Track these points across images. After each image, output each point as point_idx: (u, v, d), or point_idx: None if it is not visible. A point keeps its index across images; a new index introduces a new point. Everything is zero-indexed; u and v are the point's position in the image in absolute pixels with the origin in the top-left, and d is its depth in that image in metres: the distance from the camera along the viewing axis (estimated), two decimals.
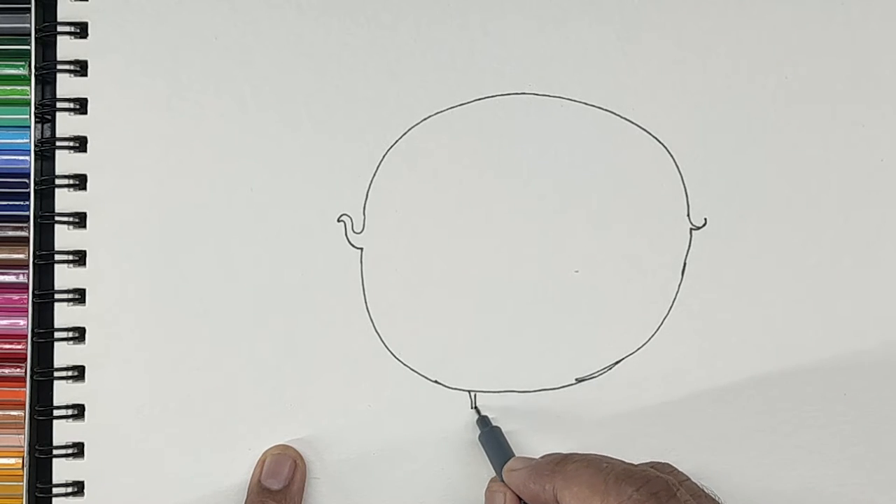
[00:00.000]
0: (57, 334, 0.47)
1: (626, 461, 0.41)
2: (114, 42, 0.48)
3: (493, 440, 0.46)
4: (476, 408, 0.47)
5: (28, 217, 0.48)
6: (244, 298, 0.47)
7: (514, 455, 0.45)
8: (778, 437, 0.47)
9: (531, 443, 0.47)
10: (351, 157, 0.48)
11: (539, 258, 0.47)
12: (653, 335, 0.47)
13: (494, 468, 0.45)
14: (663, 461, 0.44)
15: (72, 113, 0.48)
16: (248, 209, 0.48)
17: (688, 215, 0.48)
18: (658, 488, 0.38)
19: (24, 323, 0.48)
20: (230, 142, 0.48)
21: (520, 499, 0.43)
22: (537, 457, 0.44)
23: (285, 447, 0.47)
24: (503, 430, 0.46)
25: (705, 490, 0.41)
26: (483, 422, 0.46)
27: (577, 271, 0.47)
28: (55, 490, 0.47)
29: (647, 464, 0.43)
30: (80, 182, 0.48)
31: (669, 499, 0.38)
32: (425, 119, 0.48)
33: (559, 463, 0.41)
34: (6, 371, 0.49)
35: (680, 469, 0.43)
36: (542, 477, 0.41)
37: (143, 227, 0.47)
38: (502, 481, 0.44)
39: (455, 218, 0.48)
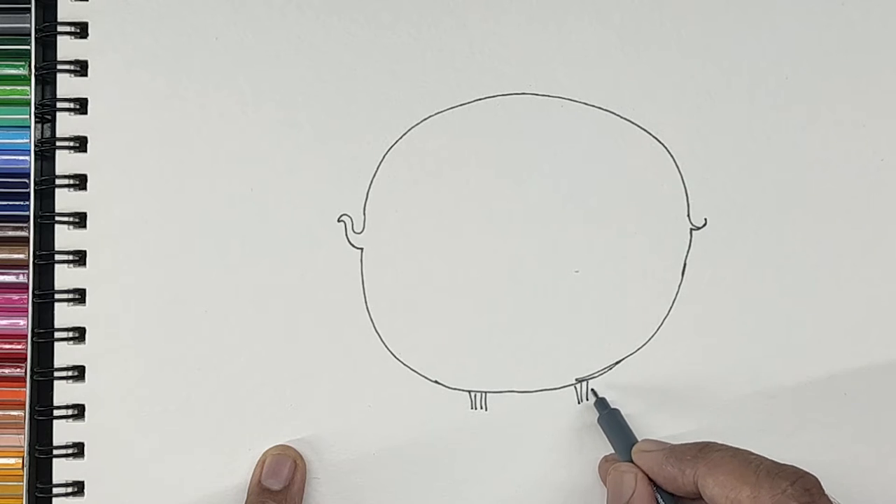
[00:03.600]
0: (57, 334, 0.47)
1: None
2: (114, 42, 0.48)
3: (614, 422, 0.45)
4: (592, 390, 0.47)
5: (28, 217, 0.48)
6: (244, 298, 0.47)
7: (636, 438, 0.45)
8: (778, 437, 0.47)
9: (531, 443, 0.47)
10: (351, 157, 0.48)
11: (539, 258, 0.47)
12: (653, 335, 0.47)
13: (617, 449, 0.45)
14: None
15: (72, 113, 0.48)
16: (248, 209, 0.48)
17: (688, 215, 0.48)
18: (811, 485, 0.38)
19: (24, 323, 0.48)
20: (230, 142, 0.48)
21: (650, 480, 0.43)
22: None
23: (285, 447, 0.47)
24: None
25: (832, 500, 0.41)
26: (601, 404, 0.46)
27: (577, 271, 0.47)
28: (55, 490, 0.47)
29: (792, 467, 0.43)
30: (80, 182, 0.48)
31: (821, 497, 0.38)
32: (425, 119, 0.48)
33: (702, 449, 0.41)
34: (6, 371, 0.49)
35: None
36: (681, 461, 0.41)
37: (143, 227, 0.47)
38: (624, 462, 0.44)
39: (455, 218, 0.48)
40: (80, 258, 0.47)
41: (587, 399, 0.47)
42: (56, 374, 0.47)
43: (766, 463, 0.39)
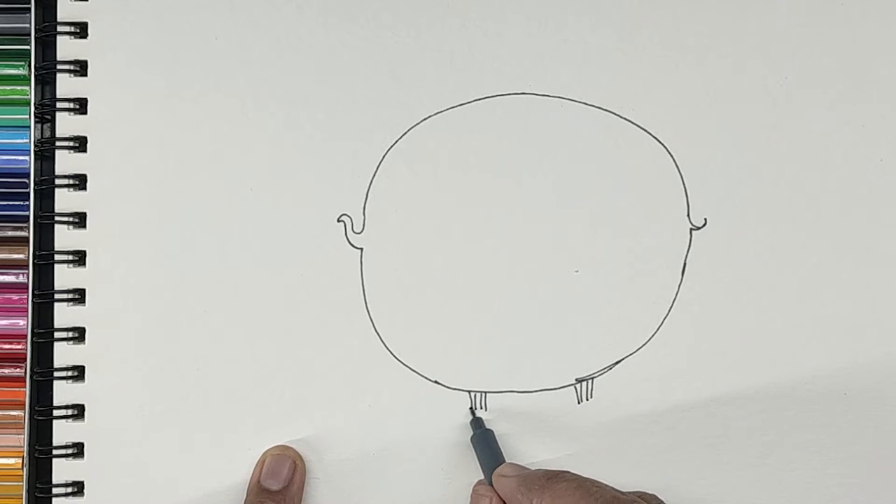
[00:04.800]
0: (57, 334, 0.47)
1: (617, 489, 0.41)
2: (114, 42, 0.48)
3: (485, 443, 0.46)
4: (471, 409, 0.47)
5: (28, 217, 0.48)
6: (244, 298, 0.47)
7: (504, 460, 0.45)
8: (778, 437, 0.47)
9: (530, 443, 0.47)
10: (351, 157, 0.48)
11: (539, 258, 0.47)
12: (653, 335, 0.47)
13: (483, 471, 0.45)
14: (651, 492, 0.44)
15: (72, 113, 0.48)
16: (248, 209, 0.48)
17: (688, 215, 0.48)
18: None
19: (24, 323, 0.48)
20: (230, 142, 0.48)
21: None
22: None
23: (285, 447, 0.47)
24: (502, 430, 0.46)
25: None
26: (476, 423, 0.46)
27: (577, 271, 0.47)
28: (55, 490, 0.47)
29: (635, 493, 0.43)
30: (80, 182, 0.48)
31: None
32: (425, 119, 0.48)
33: (550, 479, 0.41)
34: (6, 371, 0.49)
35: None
36: (530, 490, 0.41)
37: (143, 227, 0.47)
38: (490, 485, 0.44)
39: (455, 218, 0.48)
40: (79, 258, 0.47)
41: (587, 399, 0.47)
42: (56, 374, 0.47)
43: (605, 496, 0.40)
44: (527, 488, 0.42)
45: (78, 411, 0.47)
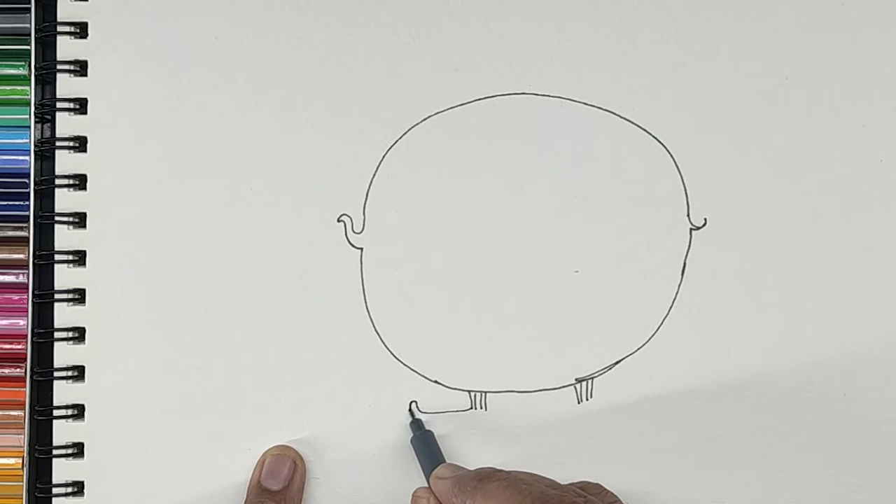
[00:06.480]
0: (57, 334, 0.47)
1: (553, 480, 0.41)
2: (114, 42, 0.48)
3: (424, 445, 0.46)
4: (411, 410, 0.47)
5: (28, 217, 0.48)
6: (244, 298, 0.47)
7: (444, 461, 0.45)
8: (778, 437, 0.47)
9: (530, 443, 0.47)
10: (351, 157, 0.48)
11: (539, 258, 0.47)
12: (653, 335, 0.47)
13: (424, 473, 0.45)
14: (594, 481, 0.44)
15: (72, 113, 0.48)
16: (248, 209, 0.48)
17: (688, 215, 0.48)
18: None
19: (24, 323, 0.48)
20: (230, 142, 0.48)
21: None
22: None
23: (285, 447, 0.47)
24: (501, 429, 0.46)
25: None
26: (416, 425, 0.46)
27: (577, 271, 0.47)
28: (55, 490, 0.47)
29: (576, 484, 0.43)
30: (80, 182, 0.48)
31: None
32: (425, 119, 0.48)
33: (482, 479, 0.41)
34: (6, 371, 0.49)
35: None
36: (464, 492, 0.41)
37: (143, 227, 0.47)
38: (423, 487, 0.45)
39: (455, 218, 0.48)
40: (79, 258, 0.47)
41: (587, 399, 0.47)
42: (56, 374, 0.47)
43: (534, 492, 0.40)
44: (460, 490, 0.42)
45: (78, 411, 0.47)
